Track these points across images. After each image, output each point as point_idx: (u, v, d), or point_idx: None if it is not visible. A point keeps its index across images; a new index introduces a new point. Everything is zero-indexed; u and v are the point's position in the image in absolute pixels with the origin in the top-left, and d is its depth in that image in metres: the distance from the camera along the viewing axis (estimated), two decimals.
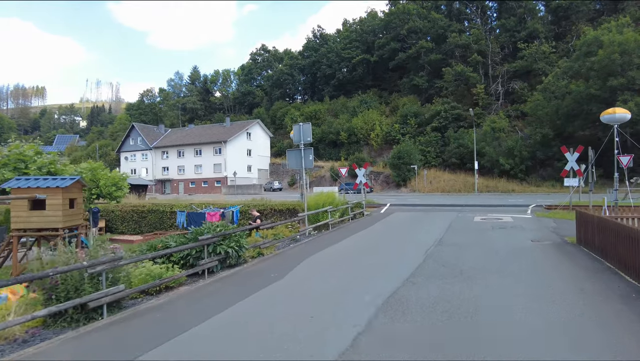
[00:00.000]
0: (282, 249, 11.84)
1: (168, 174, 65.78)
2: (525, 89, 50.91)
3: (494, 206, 22.83)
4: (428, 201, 29.52)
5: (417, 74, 62.57)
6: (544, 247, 10.55)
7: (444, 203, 25.95)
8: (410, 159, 48.14)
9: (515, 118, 51.50)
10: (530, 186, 43.04)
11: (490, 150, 45.76)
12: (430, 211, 21.30)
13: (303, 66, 79.06)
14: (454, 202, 28.34)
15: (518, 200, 29.99)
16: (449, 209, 21.71)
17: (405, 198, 35.98)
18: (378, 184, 53.40)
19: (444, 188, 45.78)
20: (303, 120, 67.16)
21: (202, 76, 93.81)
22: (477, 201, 28.34)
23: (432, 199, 33.72)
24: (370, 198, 37.50)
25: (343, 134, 60.80)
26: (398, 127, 56.64)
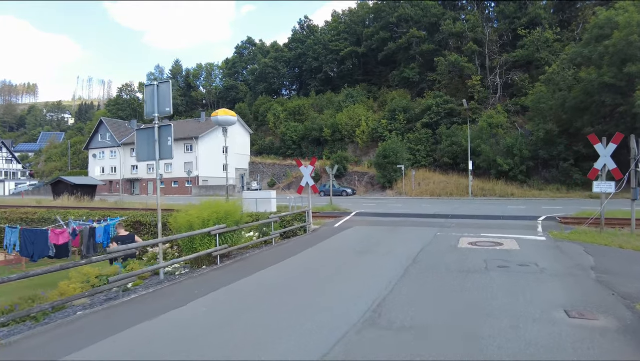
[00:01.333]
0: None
1: (137, 173, 59.73)
2: (525, 80, 44.93)
3: (490, 218, 16.76)
4: (408, 209, 23.47)
5: (408, 66, 56.55)
6: (603, 340, 4.47)
7: (426, 213, 19.89)
8: (397, 158, 42.17)
9: (515, 113, 45.52)
10: (531, 190, 37.06)
11: (486, 148, 39.80)
12: (402, 225, 15.26)
13: (288, 59, 72.99)
14: (441, 209, 22.34)
15: (519, 207, 23.99)
16: (430, 223, 15.68)
17: (384, 203, 29.97)
18: (362, 185, 47.39)
19: (434, 191, 39.79)
20: (286, 117, 61.27)
21: (184, 70, 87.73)
22: (469, 209, 22.31)
23: (416, 205, 27.69)
24: (344, 202, 31.52)
25: (326, 130, 54.77)
26: (385, 123, 50.61)
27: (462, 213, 19.01)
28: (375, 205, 28.45)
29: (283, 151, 60.82)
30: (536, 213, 19.58)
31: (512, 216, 17.15)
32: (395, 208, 24.27)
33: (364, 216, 18.77)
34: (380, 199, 36.56)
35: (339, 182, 48.81)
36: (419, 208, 24.70)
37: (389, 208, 25.11)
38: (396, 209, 23.74)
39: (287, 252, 10.43)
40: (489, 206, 25.64)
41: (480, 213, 19.64)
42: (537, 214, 18.88)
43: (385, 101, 55.47)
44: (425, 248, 10.14)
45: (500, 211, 20.46)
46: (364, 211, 21.05)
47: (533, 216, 16.91)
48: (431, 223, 15.46)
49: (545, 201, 30.46)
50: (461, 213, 19.62)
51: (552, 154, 36.81)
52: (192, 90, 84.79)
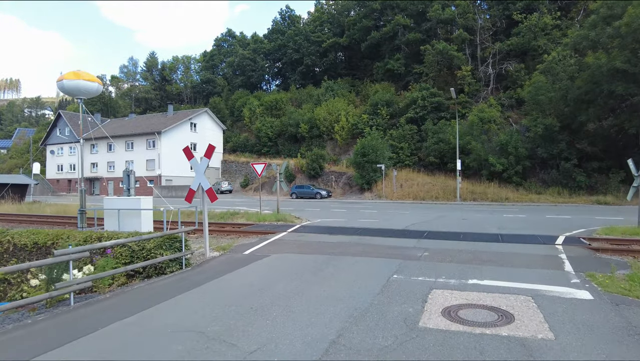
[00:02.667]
0: None
1: (97, 171, 53.79)
2: (521, 71, 39.71)
3: (484, 240, 11.09)
4: (377, 219, 17.99)
5: (393, 57, 51.17)
6: None
7: (396, 227, 14.38)
8: (377, 157, 36.76)
9: (509, 108, 40.31)
10: (528, 193, 31.82)
11: (477, 146, 34.52)
12: (349, 252, 9.73)
13: (268, 51, 67.33)
14: (418, 220, 16.93)
15: (517, 215, 18.62)
16: (393, 248, 10.20)
17: (355, 210, 24.48)
18: (339, 187, 41.94)
19: (418, 194, 34.42)
20: (262, 112, 55.80)
21: (160, 64, 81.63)
22: (454, 222, 16.86)
23: (391, 213, 22.23)
24: (310, 208, 26.16)
25: (303, 126, 49.21)
26: (366, 118, 45.19)
27: (443, 229, 13.53)
28: (344, 212, 23.02)
29: (258, 148, 55.21)
30: (544, 227, 14.25)
31: (515, 237, 11.63)
32: (363, 218, 18.81)
33: (308, 232, 13.25)
34: (354, 204, 31.15)
35: (314, 183, 43.37)
36: (393, 217, 19.26)
37: (356, 216, 19.66)
38: (363, 218, 18.27)
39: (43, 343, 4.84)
40: (480, 214, 20.28)
41: (468, 227, 14.20)
42: (545, 229, 13.58)
43: (368, 95, 50.06)
44: (351, 333, 4.67)
45: (495, 224, 15.07)
46: (314, 224, 15.54)
47: (546, 237, 11.47)
48: (394, 249, 9.99)
49: (546, 208, 25.18)
50: (443, 227, 14.15)
51: (552, 153, 31.59)
52: (168, 84, 78.78)
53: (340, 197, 39.48)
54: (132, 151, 50.99)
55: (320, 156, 43.23)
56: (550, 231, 12.94)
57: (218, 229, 14.28)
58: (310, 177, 44.04)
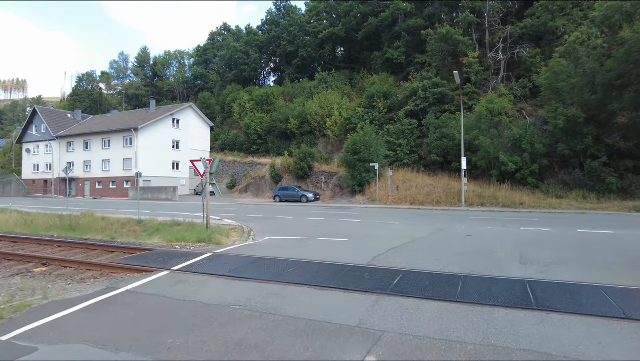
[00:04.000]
0: None
1: (73, 171, 49.34)
2: (536, 56, 34.16)
3: (502, 305, 5.78)
4: (348, 237, 12.78)
5: (392, 45, 45.88)
6: None
7: (359, 260, 9.21)
8: (370, 155, 31.62)
9: (522, 98, 34.81)
10: (546, 197, 26.40)
11: (485, 142, 29.19)
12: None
13: (261, 43, 62.39)
14: (402, 240, 11.80)
15: (539, 228, 13.34)
16: (311, 331, 5.14)
17: (332, 220, 19.26)
18: (329, 189, 36.83)
19: (416, 197, 29.19)
20: (252, 107, 50.92)
21: (151, 59, 77.16)
22: (451, 243, 11.65)
23: (374, 225, 16.93)
24: (285, 212, 21.17)
25: (292, 121, 44.16)
26: (361, 112, 40.02)
27: (432, 265, 8.30)
28: (317, 223, 17.98)
29: (247, 146, 50.34)
30: (593, 256, 9.03)
31: (562, 293, 5.95)
32: (331, 234, 13.75)
33: (201, 272, 8.07)
34: (340, 210, 26.03)
35: (302, 184, 38.36)
36: (374, 232, 14.14)
37: (325, 231, 14.60)
38: (329, 237, 13.18)
39: None
40: (491, 226, 15.04)
41: (472, 259, 9.00)
42: (601, 263, 8.40)
43: (365, 88, 44.87)
44: None
45: (514, 250, 9.88)
46: (237, 251, 10.43)
47: (620, 292, 6.25)
48: (309, 336, 4.91)
49: (572, 217, 19.79)
50: (433, 259, 8.94)
51: (575, 149, 26.16)
52: (159, 79, 74.32)
53: (328, 200, 34.42)
54: (109, 148, 46.39)
55: (308, 154, 38.17)
56: (611, 269, 7.78)
57: (83, 259, 9.41)
58: (298, 178, 39.03)
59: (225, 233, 13.01)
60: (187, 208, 28.93)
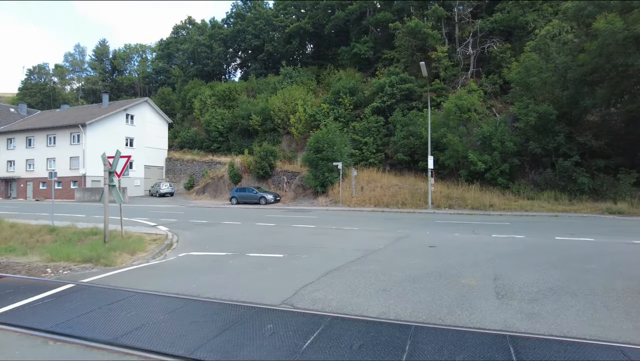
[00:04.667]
0: None
1: (14, 171, 44.94)
2: (507, 51, 32.69)
3: None
4: (272, 264, 10.23)
5: (359, 40, 43.77)
6: None
7: (273, 298, 6.73)
8: (333, 153, 29.28)
9: (492, 95, 33.27)
10: (517, 199, 24.69)
11: (454, 140, 27.30)
12: None
13: (225, 37, 59.20)
14: (353, 255, 9.40)
15: (513, 236, 11.12)
16: None
17: (280, 227, 16.62)
18: (291, 190, 34.28)
19: (381, 199, 27.00)
20: (214, 103, 47.70)
21: (111, 52, 72.57)
22: (410, 259, 9.29)
23: (326, 232, 14.35)
24: (230, 218, 18.47)
25: (255, 117, 41.37)
26: (326, 109, 37.65)
27: (374, 309, 5.93)
28: (265, 229, 15.44)
29: (208, 144, 47.17)
30: (586, 277, 6.80)
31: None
32: (270, 249, 11.23)
33: (16, 331, 5.47)
34: (298, 213, 23.51)
35: (263, 184, 35.67)
36: (324, 242, 11.69)
37: (267, 241, 12.08)
38: (267, 251, 10.66)
39: None
40: (459, 234, 12.85)
41: (433, 289, 6.68)
42: (601, 287, 6.21)
43: (331, 83, 42.55)
44: None
45: (487, 272, 7.62)
46: (101, 282, 7.84)
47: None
48: None
49: (547, 221, 17.90)
50: (381, 289, 6.56)
51: (547, 147, 24.54)
52: (119, 74, 69.89)
53: (290, 202, 31.86)
54: (54, 146, 42.32)
55: (270, 153, 35.47)
56: (621, 304, 5.59)
57: None
58: (259, 178, 36.29)
59: (133, 247, 10.30)
60: (133, 211, 25.76)
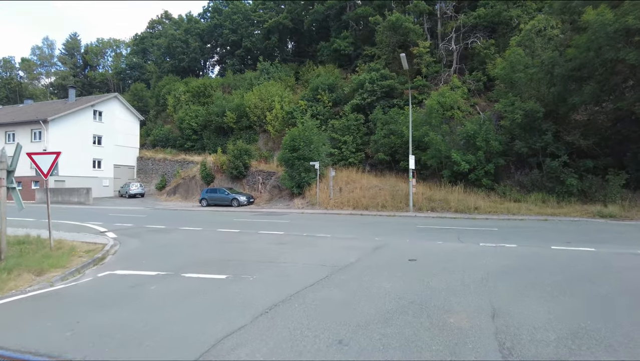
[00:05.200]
0: None
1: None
2: (491, 47, 31.39)
3: None
4: (212, 278, 8.26)
5: (339, 35, 42.05)
6: None
7: (182, 355, 4.86)
8: (310, 152, 27.44)
9: (476, 93, 31.92)
10: (503, 201, 23.25)
11: (436, 139, 25.73)
12: None
13: (202, 31, 56.72)
14: (319, 273, 7.56)
15: (510, 252, 9.26)
16: None
17: (238, 236, 14.61)
18: (267, 191, 32.29)
19: (360, 201, 25.24)
20: (188, 99, 45.32)
21: (83, 47, 69.19)
22: (384, 279, 7.48)
23: (294, 241, 12.29)
24: (178, 221, 16.40)
25: (229, 114, 39.21)
26: (304, 105, 35.77)
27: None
28: (223, 239, 13.53)
29: (181, 142, 44.76)
30: (588, 290, 5.09)
31: None
32: (214, 266, 9.29)
33: None
34: (270, 217, 21.55)
35: (237, 185, 33.59)
36: (289, 251, 9.76)
37: (209, 259, 10.14)
38: (208, 270, 8.69)
39: None
40: (442, 243, 11.09)
41: (416, 325, 4.93)
42: (593, 297, 4.41)
43: (310, 80, 40.66)
44: None
45: (481, 291, 5.90)
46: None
47: None
48: None
49: (537, 226, 16.36)
50: (339, 337, 4.76)
51: (534, 147, 23.18)
52: (91, 69, 66.62)
53: (265, 204, 29.87)
54: (14, 144, 39.30)
55: (245, 151, 33.40)
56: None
57: None
58: (233, 178, 34.17)
59: (47, 263, 8.25)
60: (90, 214, 23.40)
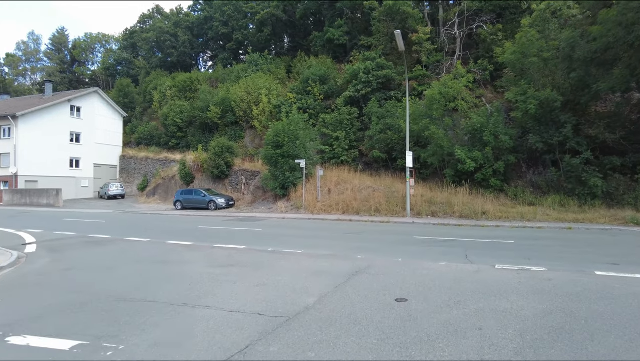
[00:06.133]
0: None
1: None
2: (498, 33, 28.03)
3: None
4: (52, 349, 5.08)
5: (333, 24, 38.75)
6: None
7: None
8: (296, 149, 24.17)
9: (482, 84, 28.55)
10: (516, 205, 19.91)
11: (437, 133, 22.37)
12: None
13: (191, 24, 53.56)
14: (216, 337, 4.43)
15: (566, 302, 5.82)
16: None
17: (197, 247, 11.15)
18: (250, 192, 29.05)
19: (350, 204, 21.93)
20: (174, 94, 42.15)
21: (71, 42, 66.13)
22: (365, 335, 4.26)
23: (244, 263, 8.81)
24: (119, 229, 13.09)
25: (213, 109, 35.97)
26: (293, 98, 32.53)
27: None
28: (157, 257, 10.30)
29: (166, 140, 41.60)
30: None
31: None
32: (71, 317, 6.05)
33: None
34: (241, 223, 18.29)
35: (219, 185, 30.38)
36: (209, 298, 6.52)
37: (86, 299, 6.90)
38: (49, 322, 5.50)
39: None
40: (445, 262, 7.78)
41: None
42: None
43: (301, 72, 37.37)
44: None
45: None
46: None
47: None
48: None
49: (562, 237, 12.95)
50: None
51: (550, 141, 19.86)
52: (79, 65, 63.56)
53: (246, 206, 26.63)
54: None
55: (227, 148, 30.15)
56: None
57: None
58: (214, 178, 30.95)
59: None
60: (44, 219, 20.22)
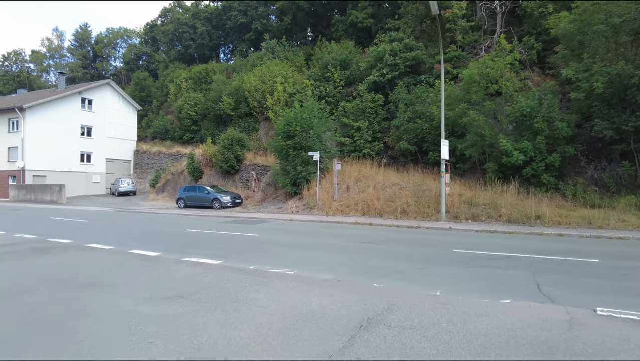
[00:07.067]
0: None
1: None
2: (549, 5, 23.72)
3: None
4: None
5: (357, 6, 35.16)
6: None
7: None
8: (310, 140, 20.89)
9: (528, 66, 24.32)
10: (575, 207, 15.94)
11: (478, 120, 18.55)
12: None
13: (210, 14, 51.17)
14: None
15: None
16: None
17: (118, 253, 8.11)
18: (260, 189, 26.00)
19: (372, 205, 18.44)
20: (189, 86, 39.78)
21: (93, 37, 65.27)
22: None
23: (224, 297, 5.76)
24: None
25: (226, 100, 33.16)
26: (311, 85, 29.26)
27: None
28: (91, 274, 7.07)
29: (180, 133, 39.23)
30: None
31: None
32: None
33: None
34: (241, 225, 15.15)
35: (229, 181, 27.51)
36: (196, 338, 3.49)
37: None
38: None
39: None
40: (508, 299, 4.31)
41: None
42: None
43: (320, 59, 34.00)
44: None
45: None
46: None
47: None
48: None
49: None
50: None
51: (623, 128, 15.79)
52: (100, 60, 62.56)
53: (255, 205, 23.58)
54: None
55: (237, 141, 27.21)
56: None
57: None
58: (224, 174, 28.12)
59: None
60: (27, 218, 17.86)
